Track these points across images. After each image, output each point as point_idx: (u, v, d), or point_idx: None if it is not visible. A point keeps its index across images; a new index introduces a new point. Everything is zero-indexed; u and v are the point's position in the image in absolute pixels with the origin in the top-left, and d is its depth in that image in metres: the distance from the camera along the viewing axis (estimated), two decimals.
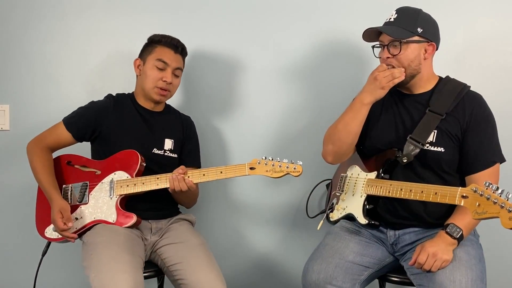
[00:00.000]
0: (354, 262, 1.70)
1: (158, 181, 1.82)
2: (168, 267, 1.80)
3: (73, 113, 1.95)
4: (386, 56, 1.74)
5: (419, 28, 1.71)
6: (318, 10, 2.27)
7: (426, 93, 1.77)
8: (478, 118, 1.69)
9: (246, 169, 1.78)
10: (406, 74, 1.72)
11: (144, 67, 1.95)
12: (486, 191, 1.38)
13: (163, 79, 1.92)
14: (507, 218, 1.32)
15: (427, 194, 1.57)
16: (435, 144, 1.70)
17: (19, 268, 2.35)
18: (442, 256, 1.53)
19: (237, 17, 2.30)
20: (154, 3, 2.32)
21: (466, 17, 2.19)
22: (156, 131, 1.98)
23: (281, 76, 2.30)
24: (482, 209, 1.38)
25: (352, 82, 2.21)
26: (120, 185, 1.84)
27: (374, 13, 1.99)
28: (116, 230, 1.78)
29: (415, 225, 1.75)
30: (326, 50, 2.27)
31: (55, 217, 1.78)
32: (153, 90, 1.93)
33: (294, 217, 2.34)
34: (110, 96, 2.00)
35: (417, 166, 1.73)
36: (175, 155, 2.00)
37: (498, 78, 2.19)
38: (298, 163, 1.77)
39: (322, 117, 2.24)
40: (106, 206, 1.84)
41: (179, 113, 2.12)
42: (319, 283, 1.65)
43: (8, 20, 2.33)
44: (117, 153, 1.89)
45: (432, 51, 1.75)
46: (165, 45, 1.95)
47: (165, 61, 1.92)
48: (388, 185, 1.70)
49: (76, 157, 1.95)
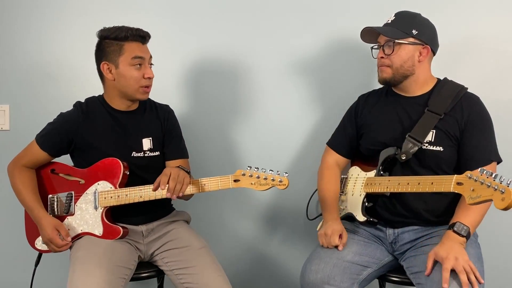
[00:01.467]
0: (352, 261, 1.71)
1: (141, 193, 1.77)
2: (172, 271, 1.80)
3: (44, 130, 1.89)
4: (380, 56, 1.79)
5: (414, 30, 1.74)
6: (324, 11, 2.26)
7: (424, 95, 1.80)
8: (475, 118, 1.72)
9: (230, 182, 1.71)
10: (396, 74, 1.77)
11: (119, 70, 1.80)
12: (481, 176, 1.42)
13: (145, 76, 1.81)
14: (499, 199, 1.35)
15: (423, 185, 1.60)
16: (433, 144, 1.72)
17: (18, 269, 2.37)
18: (464, 258, 1.51)
19: (238, 17, 2.30)
20: (154, 3, 2.31)
21: (466, 18, 2.17)
22: (132, 133, 1.88)
23: (283, 77, 2.31)
24: (476, 193, 1.42)
25: (355, 84, 2.22)
26: (104, 197, 1.80)
27: (378, 14, 1.99)
28: (98, 241, 1.76)
29: (414, 223, 1.76)
30: (331, 53, 2.28)
31: (52, 236, 1.77)
32: (138, 91, 1.82)
33: (294, 219, 2.34)
34: (78, 104, 1.91)
35: (416, 165, 1.75)
36: (156, 153, 1.91)
37: (498, 78, 2.17)
38: (284, 175, 1.70)
39: (324, 120, 2.26)
40: (92, 219, 1.81)
41: (154, 104, 1.99)
42: (317, 283, 1.66)
43: (8, 20, 2.34)
44: (99, 162, 1.82)
45: (427, 54, 1.77)
46: (132, 39, 1.80)
47: (140, 56, 1.80)
48: (386, 181, 1.74)
49: (60, 165, 1.91)
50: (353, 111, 1.97)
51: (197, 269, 1.75)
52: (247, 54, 2.30)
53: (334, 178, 1.93)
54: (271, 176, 1.70)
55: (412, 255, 1.71)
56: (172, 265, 1.81)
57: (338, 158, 1.97)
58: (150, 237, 1.89)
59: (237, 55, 2.30)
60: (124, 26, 1.83)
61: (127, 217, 1.85)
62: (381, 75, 1.81)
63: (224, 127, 2.34)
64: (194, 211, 2.13)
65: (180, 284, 1.78)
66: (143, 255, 1.88)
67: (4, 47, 2.34)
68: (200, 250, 1.82)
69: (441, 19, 1.89)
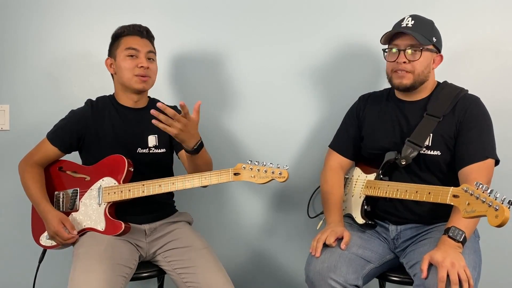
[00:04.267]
0: (357, 254, 1.71)
1: (144, 188, 1.79)
2: (175, 270, 1.82)
3: (55, 126, 1.94)
4: (403, 61, 1.75)
5: (434, 37, 1.77)
6: (328, 12, 2.27)
7: (424, 99, 1.81)
8: (471, 115, 1.72)
9: (230, 175, 1.73)
10: (417, 81, 1.77)
11: (117, 63, 1.90)
12: (476, 191, 1.43)
13: (138, 65, 1.86)
14: (493, 216, 1.36)
15: (421, 194, 1.61)
16: (431, 148, 1.73)
17: (19, 269, 2.38)
18: (460, 263, 1.48)
19: (240, 17, 2.30)
20: (155, 3, 2.31)
21: (466, 19, 2.18)
22: (138, 130, 1.93)
23: (284, 76, 2.31)
24: (471, 207, 1.43)
25: (355, 84, 2.23)
26: (108, 192, 1.83)
27: (383, 16, 2.00)
28: (101, 239, 1.78)
29: (416, 221, 1.78)
30: (333, 52, 2.28)
31: (57, 229, 1.80)
32: (132, 80, 1.88)
33: (295, 218, 2.34)
34: (89, 102, 1.97)
35: (416, 169, 1.77)
36: (162, 150, 1.95)
37: (498, 79, 2.18)
38: (284, 167, 1.71)
39: (325, 119, 2.26)
40: (95, 214, 1.84)
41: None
42: (323, 272, 1.64)
43: (8, 20, 2.34)
44: (104, 159, 1.87)
45: (439, 62, 1.82)
46: (129, 33, 1.90)
47: (134, 47, 1.88)
48: (385, 186, 1.74)
49: (67, 163, 1.95)
50: (354, 112, 1.97)
51: (200, 269, 1.77)
52: (250, 55, 2.30)
53: (338, 182, 1.92)
54: (271, 169, 1.71)
55: (411, 250, 1.72)
56: (174, 264, 1.83)
57: (341, 160, 1.96)
58: (152, 236, 1.91)
59: (239, 54, 2.31)
60: (128, 24, 1.94)
61: (131, 216, 1.87)
62: (400, 81, 1.78)
63: (225, 126, 2.34)
64: (194, 212, 2.14)
65: (182, 284, 1.79)
66: (144, 254, 1.89)
67: (4, 47, 2.34)
68: (202, 251, 1.84)
69: (441, 20, 1.89)
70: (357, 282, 1.65)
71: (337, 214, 1.83)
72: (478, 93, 1.81)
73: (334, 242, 1.70)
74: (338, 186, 1.91)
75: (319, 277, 1.64)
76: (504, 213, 1.34)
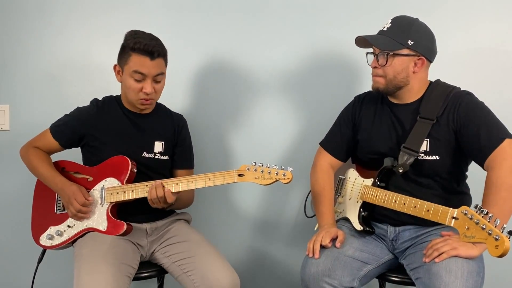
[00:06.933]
0: (353, 257, 1.70)
1: (147, 189, 1.79)
2: (174, 263, 1.82)
3: (59, 120, 1.94)
4: (374, 66, 1.75)
5: (410, 40, 1.68)
6: (319, 15, 2.27)
7: (415, 102, 1.77)
8: (466, 110, 1.66)
9: (234, 176, 1.73)
10: (389, 85, 1.73)
11: (123, 76, 1.84)
12: (476, 215, 1.39)
13: (143, 90, 1.82)
14: (493, 246, 1.32)
15: (419, 210, 1.58)
16: (429, 153, 1.69)
17: (17, 269, 2.38)
18: (453, 243, 1.51)
19: (236, 20, 2.31)
20: (155, 4, 2.32)
21: (466, 20, 2.19)
22: (145, 134, 1.93)
23: (281, 81, 2.31)
24: (471, 232, 1.40)
25: (347, 84, 2.24)
26: (111, 192, 1.83)
27: (368, 22, 1.99)
28: (103, 239, 1.78)
29: (415, 223, 1.74)
30: (326, 57, 2.28)
31: (75, 192, 1.80)
32: (136, 102, 1.86)
33: (292, 218, 2.35)
34: (95, 101, 1.96)
35: (414, 175, 1.73)
36: (166, 157, 1.96)
37: (498, 79, 2.18)
38: (288, 169, 1.71)
39: (322, 119, 2.25)
40: (97, 214, 1.84)
41: (170, 112, 2.06)
42: (317, 275, 1.63)
43: (8, 20, 2.34)
44: (108, 159, 1.86)
45: (422, 65, 1.72)
46: (140, 52, 1.77)
47: (142, 72, 1.79)
48: (383, 195, 1.72)
49: (70, 163, 1.94)
50: (350, 111, 1.93)
51: (199, 257, 1.78)
52: (246, 57, 2.31)
53: (329, 183, 1.89)
54: (275, 170, 1.71)
55: (412, 252, 1.70)
56: (174, 257, 1.83)
57: (332, 160, 1.93)
58: (153, 235, 1.92)
59: (235, 58, 2.32)
60: (140, 33, 1.82)
61: (133, 216, 1.87)
62: (374, 85, 1.77)
63: (221, 127, 2.35)
64: (194, 212, 2.14)
65: (183, 274, 1.79)
66: (145, 254, 1.89)
67: (4, 47, 2.34)
68: (200, 242, 1.86)
69: (441, 21, 1.88)
70: (353, 284, 1.65)
71: (329, 217, 1.82)
72: (478, 93, 1.77)
73: (330, 242, 1.70)
74: (329, 187, 1.88)
75: (314, 281, 1.64)
76: (505, 243, 1.30)
